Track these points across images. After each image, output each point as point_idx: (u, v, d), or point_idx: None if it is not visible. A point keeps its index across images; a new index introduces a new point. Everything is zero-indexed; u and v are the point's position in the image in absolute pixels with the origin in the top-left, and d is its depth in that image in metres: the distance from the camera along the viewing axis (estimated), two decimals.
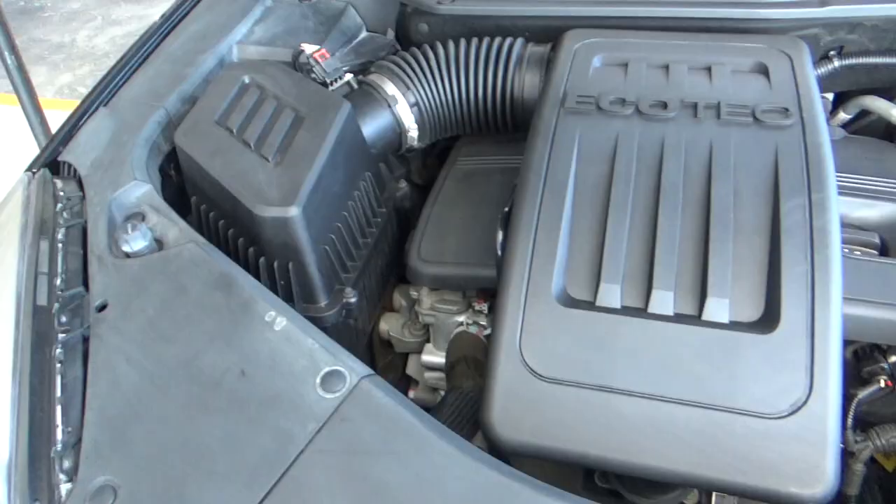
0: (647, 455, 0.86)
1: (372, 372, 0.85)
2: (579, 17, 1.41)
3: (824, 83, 1.49)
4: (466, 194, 1.39)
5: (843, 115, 1.55)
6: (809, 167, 1.00)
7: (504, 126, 1.41)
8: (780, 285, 0.90)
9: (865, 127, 1.56)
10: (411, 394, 1.52)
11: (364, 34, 1.65)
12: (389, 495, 0.73)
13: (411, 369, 1.49)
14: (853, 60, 1.42)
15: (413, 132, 1.40)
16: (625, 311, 0.94)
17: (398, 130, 1.38)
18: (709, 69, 1.20)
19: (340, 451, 0.77)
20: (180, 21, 1.58)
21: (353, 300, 1.17)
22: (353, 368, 0.84)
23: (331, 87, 1.38)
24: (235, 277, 0.95)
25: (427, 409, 0.87)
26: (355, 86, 1.41)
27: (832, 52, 1.43)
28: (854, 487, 1.04)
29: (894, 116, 1.44)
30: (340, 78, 1.39)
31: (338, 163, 1.17)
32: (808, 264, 0.91)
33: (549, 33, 1.42)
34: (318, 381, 0.83)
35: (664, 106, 1.12)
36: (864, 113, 1.52)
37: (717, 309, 0.91)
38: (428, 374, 1.43)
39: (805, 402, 0.84)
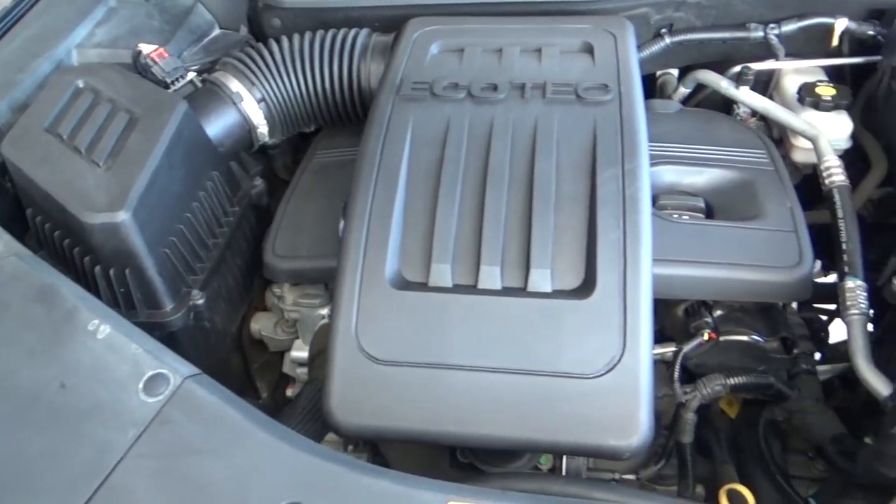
0: (478, 425, 0.89)
1: (197, 372, 0.84)
2: (424, 6, 1.43)
3: (661, 60, 1.57)
4: (322, 187, 1.39)
5: (682, 90, 1.64)
6: (624, 139, 1.06)
7: (356, 116, 1.42)
8: (595, 252, 0.95)
9: (705, 99, 1.65)
10: (289, 391, 1.51)
11: (216, 32, 1.62)
12: (208, 492, 0.73)
13: (286, 367, 1.49)
14: (682, 37, 1.51)
15: (263, 128, 1.39)
16: (456, 289, 0.97)
17: (247, 127, 1.37)
18: (539, 51, 1.25)
19: (161, 455, 0.76)
20: (14, 24, 1.50)
21: (200, 302, 1.15)
22: (177, 370, 0.83)
23: (172, 87, 1.35)
24: (59, 288, 0.93)
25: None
26: (199, 85, 1.38)
27: (663, 30, 1.51)
28: (687, 435, 1.12)
29: (723, 87, 1.54)
30: (182, 77, 1.36)
31: (175, 163, 1.14)
32: (620, 231, 0.97)
33: (398, 23, 1.44)
34: (140, 386, 0.82)
35: (495, 88, 1.16)
36: (702, 86, 1.62)
37: (540, 279, 0.95)
38: (299, 371, 1.43)
39: (619, 360, 0.89)
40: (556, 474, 1.10)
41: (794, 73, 1.56)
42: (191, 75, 1.38)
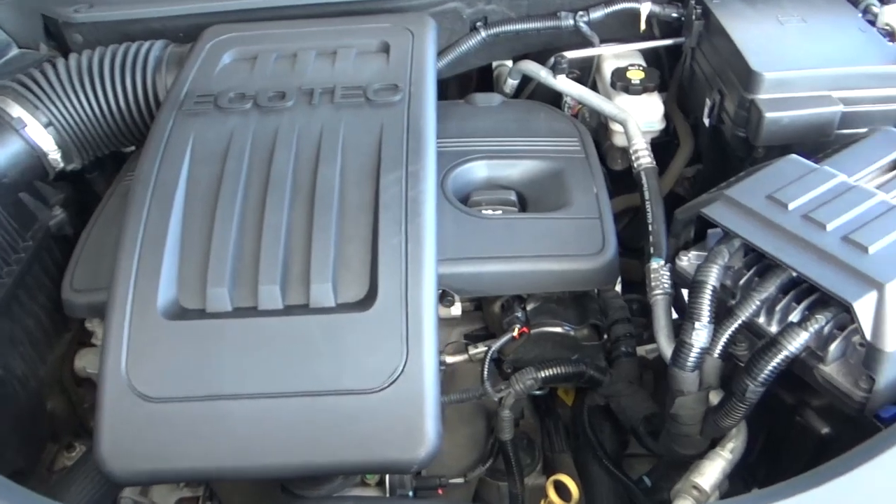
0: (259, 455, 0.85)
1: None
2: (223, 13, 1.37)
3: (482, 53, 1.57)
4: None
5: (511, 81, 1.64)
6: (409, 140, 1.04)
7: None
8: (377, 260, 0.92)
9: (537, 89, 1.66)
10: None
11: (14, 51, 1.50)
12: None
13: None
14: (497, 29, 1.50)
15: (55, 155, 1.29)
16: (236, 312, 0.92)
17: (36, 155, 1.26)
18: (335, 54, 1.21)
19: None
20: None
21: None
22: None
23: None
24: None
25: None
26: None
27: (478, 24, 1.51)
28: (506, 433, 1.11)
29: (542, 76, 1.54)
30: None
31: None
32: (402, 235, 0.94)
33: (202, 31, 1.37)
34: None
35: (283, 96, 1.11)
36: (529, 77, 1.62)
37: (323, 294, 0.91)
38: None
39: (402, 370, 0.87)
40: (377, 491, 1.08)
41: (614, 58, 1.59)
42: None
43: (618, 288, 1.30)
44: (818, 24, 1.27)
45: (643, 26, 1.51)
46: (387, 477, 1.08)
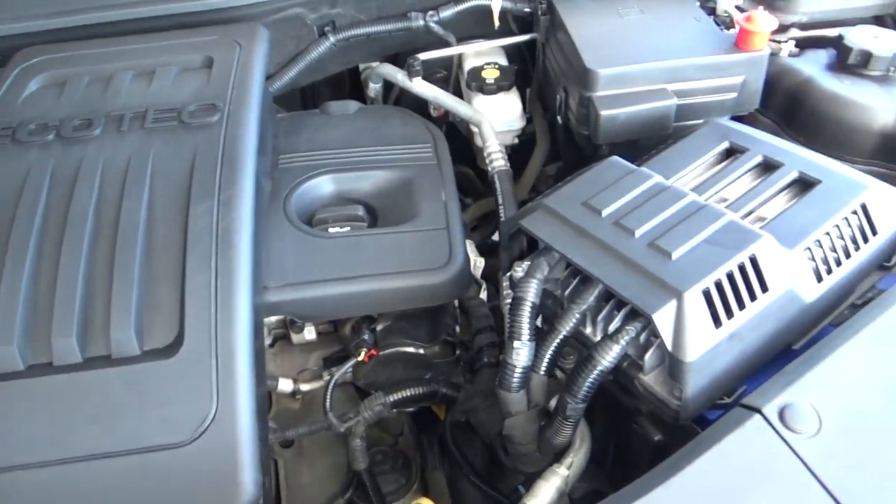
0: None
1: None
2: (36, 34, 1.26)
3: (335, 59, 1.51)
4: None
5: (373, 86, 1.59)
6: (224, 165, 0.97)
7: None
8: (184, 300, 0.86)
9: (403, 93, 1.60)
10: None
11: None
12: None
13: None
14: (346, 33, 1.44)
15: None
16: (30, 371, 0.84)
17: None
18: (153, 73, 1.13)
19: None
20: None
21: None
22: None
23: None
24: None
25: None
26: None
27: (327, 29, 1.44)
28: (359, 462, 1.06)
29: (399, 80, 1.50)
30: None
31: None
32: (211, 271, 0.88)
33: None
34: None
35: (89, 125, 1.03)
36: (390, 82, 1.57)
37: (125, 343, 0.84)
38: None
39: (213, 420, 0.80)
40: None
41: (475, 56, 1.55)
42: None
43: (483, 295, 1.27)
44: (655, 16, 1.26)
45: (497, 23, 1.48)
46: None
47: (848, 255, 0.84)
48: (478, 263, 1.30)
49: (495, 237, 1.43)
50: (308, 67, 1.45)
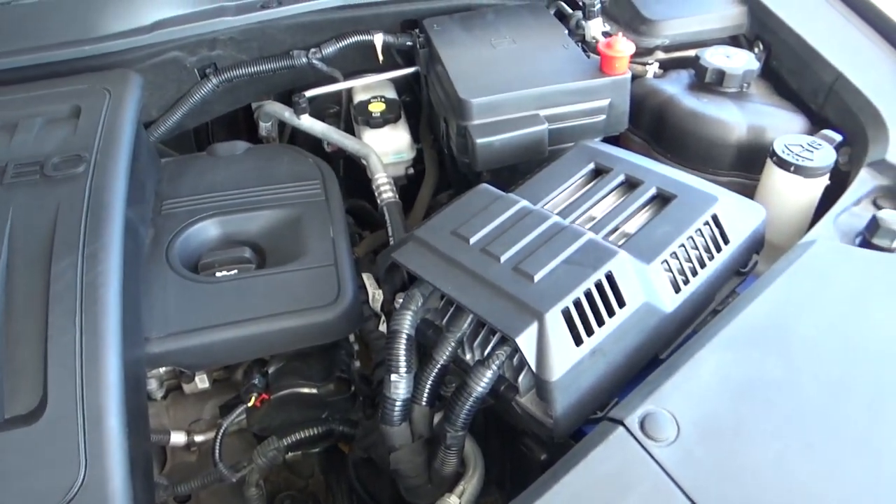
0: None
1: None
2: None
3: (220, 100, 1.49)
4: None
5: (263, 125, 1.58)
6: (89, 217, 0.94)
7: None
8: (47, 362, 0.82)
9: (297, 132, 1.59)
10: None
11: None
12: None
13: None
14: (229, 74, 1.43)
15: None
16: None
17: None
18: (16, 125, 1.09)
19: None
20: None
21: None
22: None
23: None
24: None
25: None
26: None
27: (208, 70, 1.43)
28: None
29: (286, 117, 1.50)
30: None
31: None
32: (76, 329, 0.84)
33: None
34: None
35: None
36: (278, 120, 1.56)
37: None
38: None
39: (81, 486, 0.77)
40: None
41: (364, 90, 1.57)
42: None
43: (383, 328, 1.27)
44: (526, 45, 1.31)
45: (381, 57, 1.50)
46: None
47: (703, 265, 0.89)
48: (377, 296, 1.30)
49: None
50: (192, 110, 1.43)
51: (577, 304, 0.77)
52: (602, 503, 0.69)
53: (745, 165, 1.19)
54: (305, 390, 1.10)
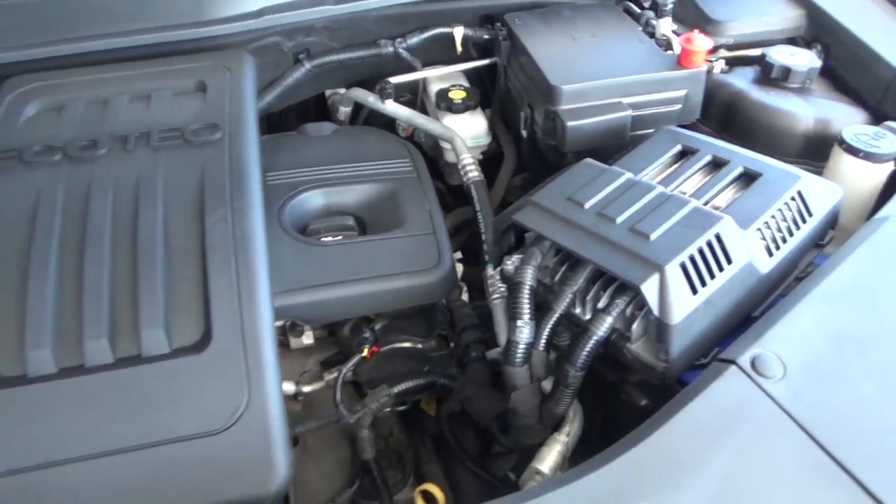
0: None
1: None
2: (25, 63, 1.30)
3: (311, 84, 1.59)
4: None
5: (343, 109, 1.68)
6: (232, 178, 1.04)
7: None
8: (209, 301, 0.92)
9: (373, 115, 1.70)
10: None
11: None
12: None
13: None
14: (321, 60, 1.54)
15: None
16: (62, 373, 0.88)
17: None
18: (149, 97, 1.19)
19: None
20: None
21: None
22: None
23: None
24: None
25: None
26: None
27: (301, 56, 1.53)
28: (367, 453, 1.13)
29: (370, 102, 1.60)
30: None
31: None
32: (232, 273, 0.94)
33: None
34: None
35: (94, 145, 1.08)
36: (361, 104, 1.66)
37: (155, 342, 0.89)
38: None
39: (245, 408, 0.86)
40: None
41: (438, 79, 1.67)
42: None
43: (465, 297, 1.37)
44: (605, 39, 1.41)
45: (459, 48, 1.60)
46: None
47: (791, 234, 0.99)
48: (458, 268, 1.40)
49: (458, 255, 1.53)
50: (284, 93, 1.53)
51: (692, 259, 0.87)
52: (719, 432, 0.79)
53: (811, 154, 1.29)
54: (410, 345, 1.20)
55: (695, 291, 0.86)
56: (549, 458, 0.93)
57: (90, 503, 0.82)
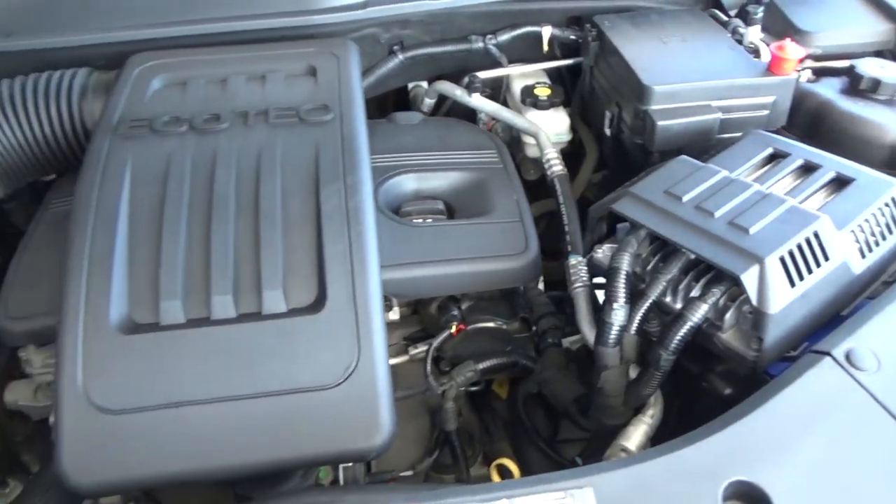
0: (223, 456, 0.89)
1: None
2: (147, 41, 1.40)
3: (401, 74, 1.66)
4: (59, 238, 1.30)
5: (428, 101, 1.75)
6: (345, 155, 1.11)
7: None
8: (324, 266, 0.99)
9: (454, 107, 1.76)
10: None
11: None
12: None
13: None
14: (413, 52, 1.61)
15: None
16: (190, 324, 0.96)
17: None
18: (264, 77, 1.27)
19: None
20: None
21: None
22: None
23: None
24: None
25: None
26: None
27: (395, 47, 1.60)
28: (450, 423, 1.19)
29: (457, 95, 1.66)
30: None
31: None
32: (345, 242, 1.01)
33: (125, 59, 1.39)
34: None
35: (217, 119, 1.16)
36: (445, 96, 1.73)
37: (274, 301, 0.97)
38: None
39: (356, 367, 0.93)
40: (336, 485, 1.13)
41: (521, 77, 1.72)
42: None
43: (540, 286, 1.42)
44: (696, 44, 1.45)
45: (546, 47, 1.66)
46: (340, 475, 1.14)
47: (884, 238, 1.01)
48: None
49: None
50: (376, 82, 1.61)
51: (791, 254, 0.91)
52: (813, 419, 0.82)
53: None
54: (494, 325, 1.25)
55: (792, 284, 0.90)
56: (635, 437, 0.98)
57: (214, 441, 0.89)
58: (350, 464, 1.14)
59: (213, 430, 0.89)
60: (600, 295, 1.17)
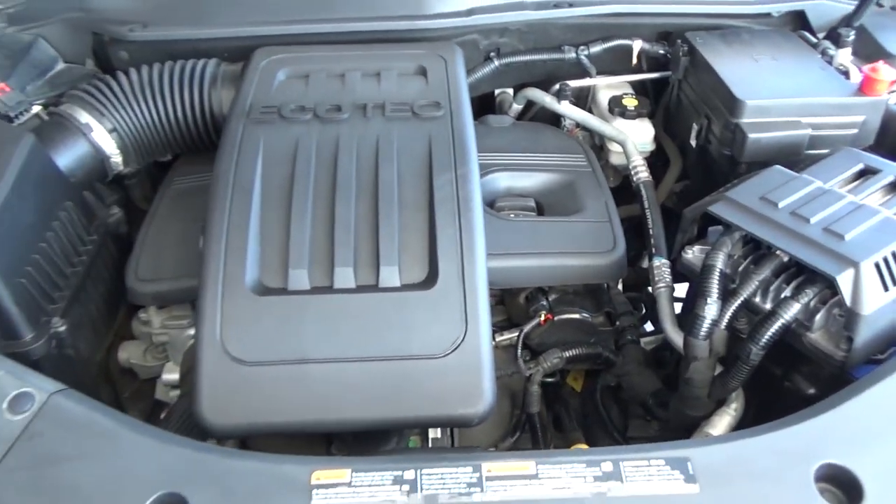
0: (340, 411, 0.98)
1: (63, 387, 0.87)
2: (269, 37, 1.52)
3: (494, 79, 1.75)
4: (182, 211, 1.43)
5: (515, 106, 1.83)
6: (455, 149, 1.20)
7: (210, 143, 1.48)
8: (436, 247, 1.08)
9: (538, 113, 1.85)
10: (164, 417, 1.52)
11: (60, 66, 1.61)
12: (81, 495, 0.77)
13: (159, 393, 1.49)
14: (508, 59, 1.69)
15: (116, 158, 1.41)
16: (314, 290, 1.06)
17: (99, 157, 1.39)
18: (378, 74, 1.37)
19: (31, 466, 0.79)
20: None
21: (62, 329, 1.16)
22: (41, 387, 0.86)
23: (16, 121, 1.35)
24: None
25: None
26: (45, 118, 1.38)
27: (492, 54, 1.69)
28: (534, 406, 1.26)
29: (547, 102, 1.74)
30: (27, 111, 1.36)
31: (25, 195, 1.15)
32: (456, 227, 1.10)
33: (245, 53, 1.51)
34: (4, 406, 0.84)
35: (339, 109, 1.27)
36: (532, 102, 1.81)
37: (390, 275, 1.06)
38: (172, 394, 1.44)
39: (463, 340, 1.01)
40: None
41: (606, 87, 1.79)
42: (36, 109, 1.38)
43: (619, 286, 1.49)
44: (787, 62, 1.50)
45: (635, 60, 1.72)
46: (429, 444, 1.22)
47: None
48: None
49: None
50: (472, 85, 1.69)
51: (886, 260, 0.96)
52: None
53: None
54: (580, 317, 1.32)
55: (886, 289, 0.95)
56: (720, 425, 1.03)
57: (332, 397, 0.98)
58: (438, 435, 1.22)
59: (331, 387, 0.99)
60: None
